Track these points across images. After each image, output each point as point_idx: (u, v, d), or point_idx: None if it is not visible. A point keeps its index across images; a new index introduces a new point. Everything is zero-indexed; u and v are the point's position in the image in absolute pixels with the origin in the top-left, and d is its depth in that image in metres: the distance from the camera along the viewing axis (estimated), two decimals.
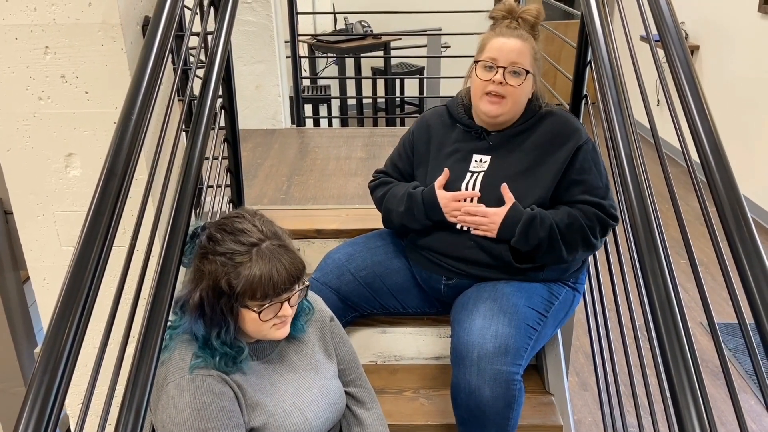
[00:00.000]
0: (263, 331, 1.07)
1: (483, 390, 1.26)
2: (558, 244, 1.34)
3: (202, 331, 1.05)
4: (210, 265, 1.04)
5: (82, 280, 0.89)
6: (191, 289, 1.05)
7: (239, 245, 1.03)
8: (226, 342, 1.06)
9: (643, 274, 0.94)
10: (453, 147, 1.49)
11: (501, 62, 1.37)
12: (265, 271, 1.01)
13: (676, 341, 0.88)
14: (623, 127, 1.11)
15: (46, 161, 1.39)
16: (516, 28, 1.42)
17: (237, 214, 1.09)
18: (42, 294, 1.52)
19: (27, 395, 0.79)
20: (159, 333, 0.96)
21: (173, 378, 1.04)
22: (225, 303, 1.03)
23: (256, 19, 2.83)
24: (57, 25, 1.28)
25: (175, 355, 1.07)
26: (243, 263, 1.01)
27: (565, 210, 1.37)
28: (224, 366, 1.06)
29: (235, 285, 1.01)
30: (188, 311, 1.06)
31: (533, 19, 1.44)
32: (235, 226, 1.06)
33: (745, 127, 3.84)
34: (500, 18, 1.45)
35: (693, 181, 0.99)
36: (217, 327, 1.05)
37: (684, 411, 0.83)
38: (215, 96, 1.35)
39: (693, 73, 1.00)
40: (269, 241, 1.04)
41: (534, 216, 1.34)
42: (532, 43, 1.41)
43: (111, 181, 0.98)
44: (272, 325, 1.07)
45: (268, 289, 1.01)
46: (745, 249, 0.83)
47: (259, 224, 1.06)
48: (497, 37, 1.40)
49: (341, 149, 2.59)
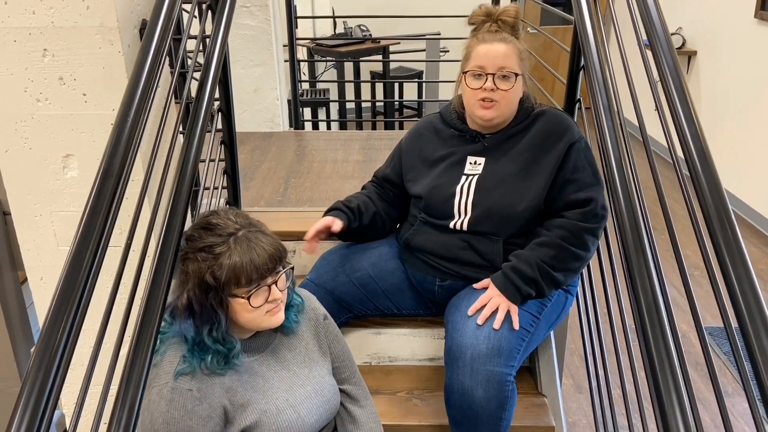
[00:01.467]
0: (257, 319, 1.08)
1: (476, 391, 1.27)
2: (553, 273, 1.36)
3: (192, 332, 1.06)
4: (192, 263, 1.06)
5: (77, 279, 0.90)
6: (179, 294, 1.07)
7: (216, 237, 1.05)
8: (218, 339, 1.07)
9: (630, 277, 0.95)
10: (447, 151, 1.50)
11: (489, 69, 1.38)
12: (245, 255, 1.03)
13: (662, 343, 0.89)
14: (613, 132, 1.12)
15: (44, 162, 1.40)
16: (497, 31, 1.42)
17: (210, 212, 1.12)
18: (39, 294, 1.54)
19: (20, 395, 0.80)
20: (153, 333, 0.97)
21: (158, 383, 1.06)
22: (213, 297, 1.05)
23: (254, 23, 2.85)
24: (55, 27, 1.29)
25: (166, 358, 1.08)
26: (222, 253, 1.03)
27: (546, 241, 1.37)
28: (216, 365, 1.07)
29: (219, 276, 1.03)
30: (177, 315, 1.07)
31: (512, 19, 1.44)
32: (210, 222, 1.08)
33: (742, 131, 3.86)
34: (480, 23, 1.46)
35: (681, 185, 1.00)
36: (208, 324, 1.06)
37: (669, 413, 0.84)
38: (212, 98, 1.36)
39: (681, 79, 1.01)
40: (245, 229, 1.07)
41: (512, 265, 1.36)
42: (516, 44, 1.41)
43: (107, 181, 1.00)
44: (265, 312, 1.08)
45: (251, 273, 1.03)
46: (730, 253, 0.84)
47: (233, 217, 1.09)
48: (481, 44, 1.40)
49: (338, 152, 2.60)
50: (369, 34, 4.52)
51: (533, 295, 1.36)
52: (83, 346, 1.01)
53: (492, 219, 1.40)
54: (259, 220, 1.13)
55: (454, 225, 1.44)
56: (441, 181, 1.47)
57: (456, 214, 1.43)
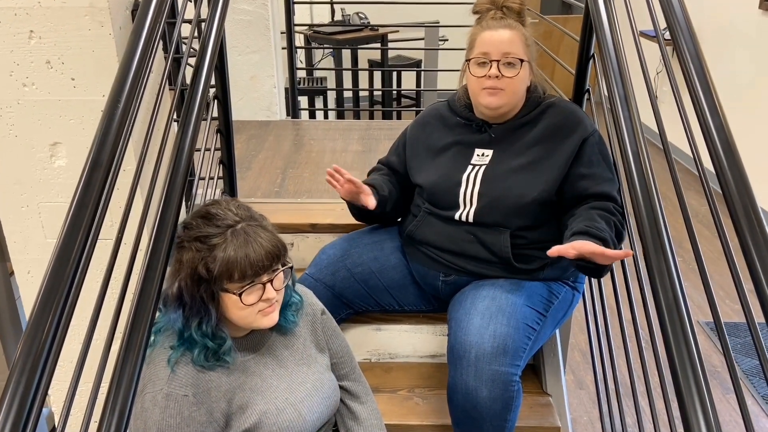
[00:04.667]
0: (249, 318, 1.03)
1: (480, 391, 1.23)
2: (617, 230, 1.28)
3: (180, 324, 1.02)
4: (187, 253, 1.01)
5: (65, 273, 0.85)
6: (171, 282, 1.02)
7: (214, 228, 1.01)
8: (206, 333, 1.02)
9: (649, 274, 0.91)
10: (453, 139, 1.46)
11: (493, 55, 1.33)
12: (240, 250, 0.98)
13: (684, 343, 0.85)
14: (629, 122, 1.08)
15: (31, 150, 1.35)
16: (502, 18, 1.39)
17: (212, 201, 1.07)
18: (26, 287, 1.49)
19: (4, 393, 0.76)
20: (145, 329, 0.93)
21: (152, 389, 1.01)
22: (205, 290, 1.00)
23: (251, 8, 2.78)
24: (42, 8, 1.23)
25: (158, 357, 1.04)
26: (218, 245, 0.99)
27: (591, 213, 1.29)
28: (203, 360, 1.02)
29: (212, 269, 0.99)
30: (169, 304, 1.03)
31: (518, 5, 1.41)
32: (210, 211, 1.04)
33: (746, 122, 3.83)
34: (485, 11, 1.42)
35: (703, 183, 0.96)
36: (197, 317, 1.01)
37: (691, 415, 0.80)
38: (207, 85, 1.31)
39: (705, 69, 0.96)
40: (245, 222, 1.02)
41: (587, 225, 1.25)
42: (522, 30, 1.37)
43: (96, 171, 0.95)
44: (258, 311, 1.03)
45: (245, 269, 0.99)
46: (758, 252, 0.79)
47: (234, 208, 1.04)
48: (485, 31, 1.36)
49: (337, 142, 2.55)
50: (367, 21, 4.45)
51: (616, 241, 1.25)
52: (73, 342, 0.97)
53: (499, 210, 1.36)
54: (263, 214, 1.08)
55: (460, 216, 1.39)
56: (446, 170, 1.42)
57: (461, 204, 1.39)
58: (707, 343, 2.63)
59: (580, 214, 1.30)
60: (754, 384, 2.41)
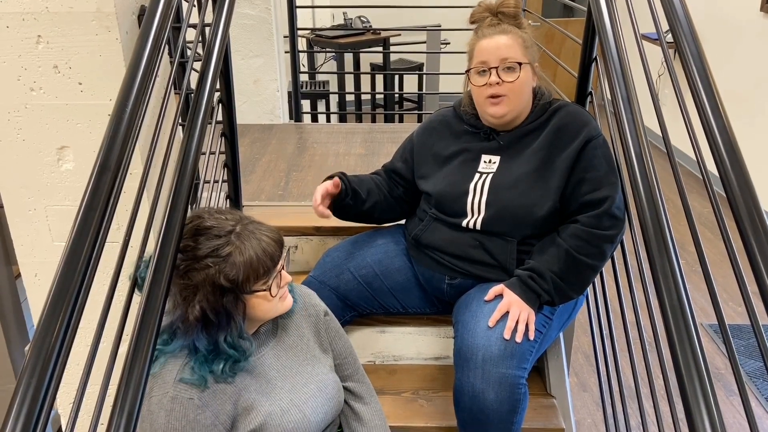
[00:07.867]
0: (275, 308, 1.08)
1: (487, 393, 1.23)
2: (566, 290, 1.32)
3: (204, 343, 1.02)
4: (198, 274, 1.01)
5: (74, 277, 0.86)
6: (184, 310, 1.01)
7: (217, 239, 1.02)
8: (233, 343, 1.04)
9: (653, 276, 0.92)
10: (460, 147, 1.46)
11: (492, 63, 1.34)
12: (255, 248, 1.01)
13: (688, 345, 0.86)
14: (632, 125, 1.08)
15: (38, 154, 1.36)
16: (498, 24, 1.39)
17: (194, 216, 1.07)
18: (33, 290, 1.49)
19: (14, 395, 0.76)
20: (153, 331, 0.93)
21: (158, 393, 1.01)
22: (230, 300, 1.01)
23: (255, 13, 2.79)
24: (50, 13, 1.24)
25: (167, 367, 1.03)
26: (232, 252, 1.00)
27: (557, 251, 1.31)
28: (228, 373, 1.03)
29: (234, 276, 1.00)
30: (184, 331, 1.02)
31: (513, 9, 1.41)
32: (201, 226, 1.04)
33: (747, 125, 3.83)
34: (481, 19, 1.43)
35: (706, 185, 0.96)
36: (225, 330, 1.02)
37: (696, 418, 0.81)
38: (212, 89, 1.31)
39: (708, 71, 0.97)
40: (240, 223, 1.04)
41: (529, 274, 1.31)
42: (519, 33, 1.37)
43: (104, 175, 0.95)
44: (278, 298, 1.08)
45: (266, 263, 1.02)
46: (762, 254, 0.80)
47: (221, 215, 1.06)
48: (481, 40, 1.37)
49: (340, 145, 2.55)
50: (369, 25, 4.46)
51: (551, 302, 1.32)
52: (80, 345, 0.97)
53: (506, 220, 1.36)
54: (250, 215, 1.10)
55: (467, 224, 1.39)
56: (454, 178, 1.42)
57: (469, 213, 1.39)
58: (710, 346, 2.62)
59: (553, 242, 1.33)
60: (758, 386, 2.41)
